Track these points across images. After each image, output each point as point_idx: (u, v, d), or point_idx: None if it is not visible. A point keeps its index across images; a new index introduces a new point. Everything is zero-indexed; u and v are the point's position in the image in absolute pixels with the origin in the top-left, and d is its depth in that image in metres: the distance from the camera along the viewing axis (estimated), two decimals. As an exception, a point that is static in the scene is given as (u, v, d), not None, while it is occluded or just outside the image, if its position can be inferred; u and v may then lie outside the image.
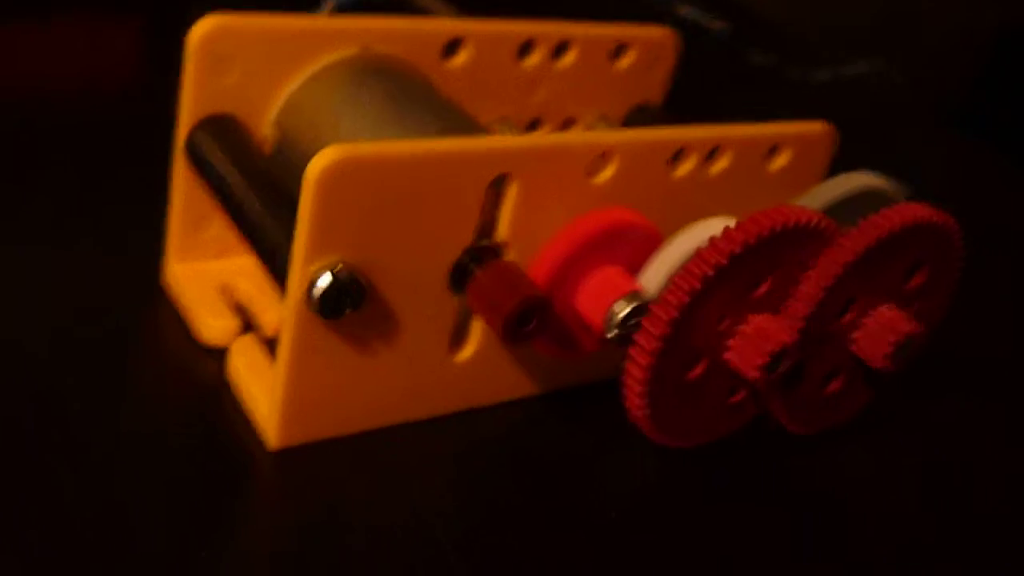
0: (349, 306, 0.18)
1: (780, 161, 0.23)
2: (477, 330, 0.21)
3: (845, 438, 0.23)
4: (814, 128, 0.23)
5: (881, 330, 0.21)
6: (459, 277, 0.19)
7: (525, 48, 0.25)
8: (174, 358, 0.22)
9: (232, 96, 0.21)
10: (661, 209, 0.21)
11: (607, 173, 0.20)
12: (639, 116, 0.27)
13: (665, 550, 0.20)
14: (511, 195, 0.19)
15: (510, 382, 0.22)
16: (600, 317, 0.19)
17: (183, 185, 0.22)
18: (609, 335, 0.19)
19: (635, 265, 0.20)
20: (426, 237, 0.19)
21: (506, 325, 0.18)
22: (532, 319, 0.19)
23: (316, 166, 0.17)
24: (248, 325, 0.22)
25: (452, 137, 0.19)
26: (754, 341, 0.19)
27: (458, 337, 0.21)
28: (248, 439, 0.20)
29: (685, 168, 0.21)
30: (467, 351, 0.21)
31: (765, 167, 0.23)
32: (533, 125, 0.26)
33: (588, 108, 0.26)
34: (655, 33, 0.27)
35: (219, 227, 0.23)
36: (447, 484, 0.20)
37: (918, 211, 0.20)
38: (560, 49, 0.25)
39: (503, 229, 0.20)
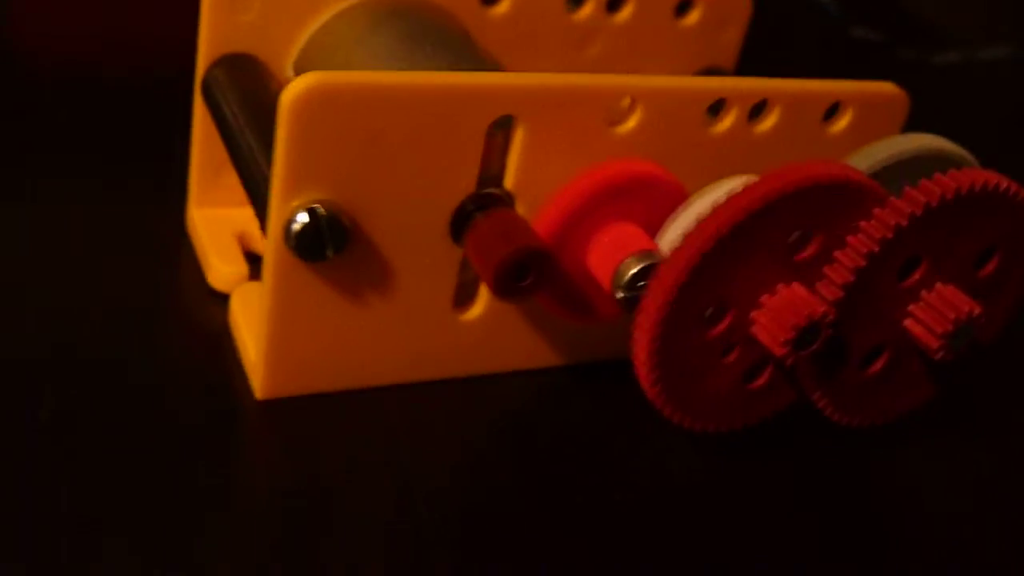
0: (331, 248, 0.17)
1: (840, 124, 0.20)
2: (487, 288, 0.19)
3: (898, 438, 0.21)
4: (882, 89, 0.21)
5: (940, 307, 0.18)
6: (459, 226, 0.18)
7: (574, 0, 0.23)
8: (187, 303, 0.21)
9: (251, 34, 0.21)
10: (695, 168, 0.19)
11: (631, 123, 0.18)
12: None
13: (664, 540, 0.18)
14: (518, 140, 0.18)
15: (525, 349, 0.20)
16: (609, 276, 0.18)
17: (201, 127, 0.21)
18: (617, 296, 0.18)
19: (656, 225, 0.19)
20: (421, 180, 0.17)
21: (497, 276, 0.17)
22: (529, 273, 0.17)
23: (290, 93, 0.16)
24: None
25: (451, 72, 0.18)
26: (781, 313, 0.17)
27: (465, 294, 0.19)
28: (241, 388, 0.19)
29: (725, 124, 0.19)
30: (475, 310, 0.20)
31: (822, 130, 0.20)
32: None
33: (649, 68, 0.25)
34: (724, -11, 0.25)
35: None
36: (441, 455, 0.19)
37: (990, 178, 0.18)
38: (613, 3, 0.24)
39: (511, 177, 0.18)
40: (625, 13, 0.24)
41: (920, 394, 0.20)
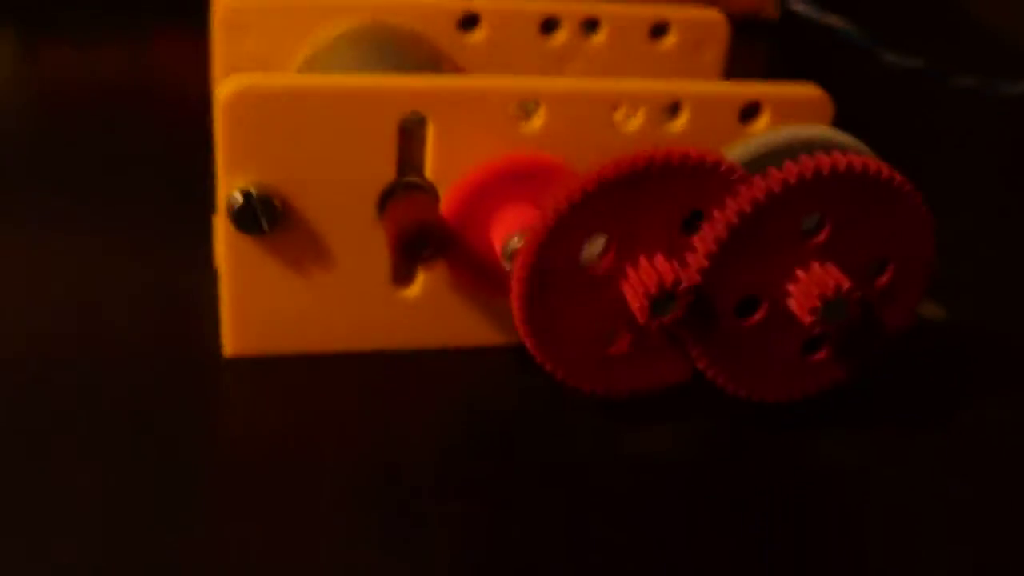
0: (266, 224, 0.20)
1: (758, 126, 0.22)
2: (424, 267, 0.22)
3: (828, 421, 0.22)
4: (802, 90, 0.22)
5: (813, 281, 0.19)
6: (383, 209, 0.21)
7: (550, 25, 0.26)
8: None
9: (253, 61, 0.25)
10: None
11: (538, 122, 0.21)
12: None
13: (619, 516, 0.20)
14: (431, 135, 0.21)
15: (471, 326, 0.23)
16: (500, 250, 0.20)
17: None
18: (506, 269, 0.20)
19: (555, 209, 0.21)
20: (344, 168, 0.21)
21: (396, 246, 0.20)
22: (427, 244, 0.20)
23: (221, 92, 0.20)
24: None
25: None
26: (638, 281, 0.19)
27: (405, 273, 0.22)
28: (213, 345, 0.23)
29: (635, 124, 0.21)
30: (415, 288, 0.22)
31: (740, 132, 0.22)
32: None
33: (630, 89, 0.27)
34: (699, 14, 0.27)
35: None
36: (391, 424, 0.21)
37: (855, 161, 0.19)
38: (589, 27, 0.26)
39: (429, 168, 0.21)
40: (600, 37, 0.26)
41: (830, 375, 0.21)
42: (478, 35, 0.26)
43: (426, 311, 0.23)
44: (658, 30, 0.27)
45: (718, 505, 0.20)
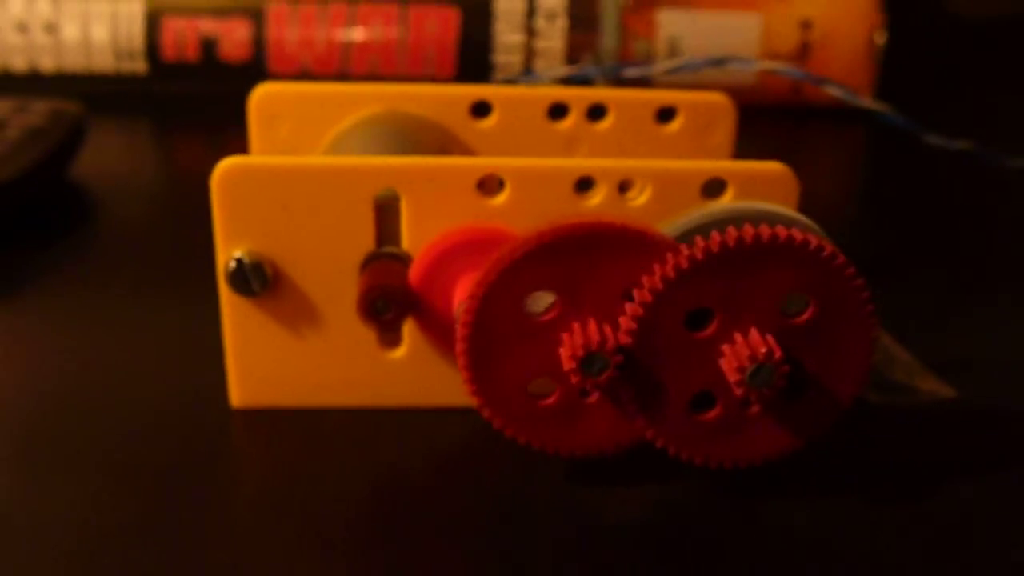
0: (257, 287, 0.23)
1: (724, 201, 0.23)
2: (410, 331, 0.24)
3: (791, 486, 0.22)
4: (766, 167, 0.23)
5: (738, 351, 0.20)
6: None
7: (557, 111, 0.28)
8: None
9: (285, 146, 0.28)
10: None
11: (502, 197, 0.23)
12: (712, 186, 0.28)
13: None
14: (404, 209, 0.23)
15: (459, 387, 0.25)
16: (457, 315, 0.22)
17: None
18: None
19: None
20: (327, 239, 0.23)
21: (359, 307, 0.22)
22: (390, 308, 0.22)
23: (216, 171, 0.22)
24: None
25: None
26: (571, 341, 0.20)
27: (393, 335, 0.24)
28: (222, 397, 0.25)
29: (596, 198, 0.23)
30: (401, 350, 0.24)
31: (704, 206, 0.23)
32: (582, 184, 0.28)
33: (641, 170, 0.28)
34: (705, 97, 0.28)
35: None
36: (370, 479, 0.23)
37: (780, 232, 0.20)
38: (596, 113, 0.28)
39: (405, 240, 0.23)
40: (607, 122, 0.28)
41: (776, 443, 0.22)
42: (489, 121, 0.28)
43: (413, 372, 0.25)
44: (665, 114, 0.28)
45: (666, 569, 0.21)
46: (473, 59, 0.46)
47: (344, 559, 0.20)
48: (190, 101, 0.48)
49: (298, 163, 0.23)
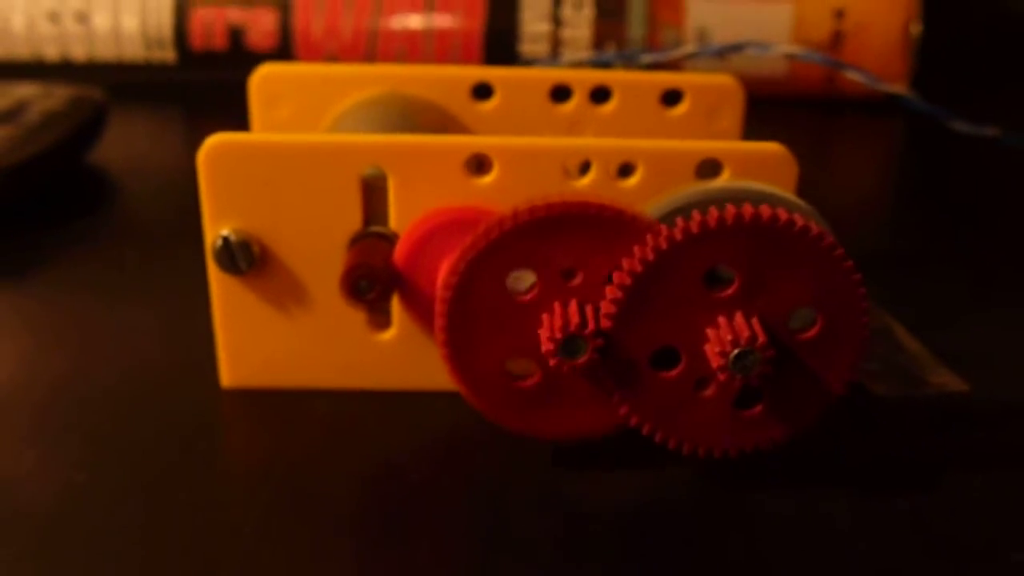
0: (244, 265, 0.23)
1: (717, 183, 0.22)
2: (399, 313, 0.24)
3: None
4: (764, 148, 0.22)
5: (721, 336, 0.20)
6: (349, 256, 0.23)
7: (560, 94, 0.27)
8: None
9: (286, 128, 0.27)
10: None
11: (490, 176, 0.22)
12: (707, 167, 0.28)
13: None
14: (391, 188, 0.23)
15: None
16: (440, 295, 0.22)
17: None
18: (441, 311, 0.21)
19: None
20: (315, 218, 0.23)
21: (342, 286, 0.22)
22: (373, 288, 0.22)
23: (202, 149, 0.22)
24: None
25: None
26: (550, 323, 0.20)
27: (382, 318, 0.24)
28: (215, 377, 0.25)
29: (587, 179, 0.22)
30: (390, 332, 0.24)
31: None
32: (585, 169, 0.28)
33: (646, 154, 0.28)
34: (712, 79, 0.27)
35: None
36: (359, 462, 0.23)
37: (764, 211, 0.19)
38: (599, 95, 0.27)
39: (392, 219, 0.23)
40: (611, 106, 0.27)
41: (765, 433, 0.21)
42: (491, 103, 0.27)
43: (402, 355, 0.24)
44: (671, 97, 0.27)
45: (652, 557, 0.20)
46: (499, 48, 0.46)
47: (328, 540, 0.20)
48: (218, 90, 0.48)
49: (284, 140, 0.22)
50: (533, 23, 0.46)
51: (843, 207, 0.22)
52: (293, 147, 0.22)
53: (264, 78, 0.27)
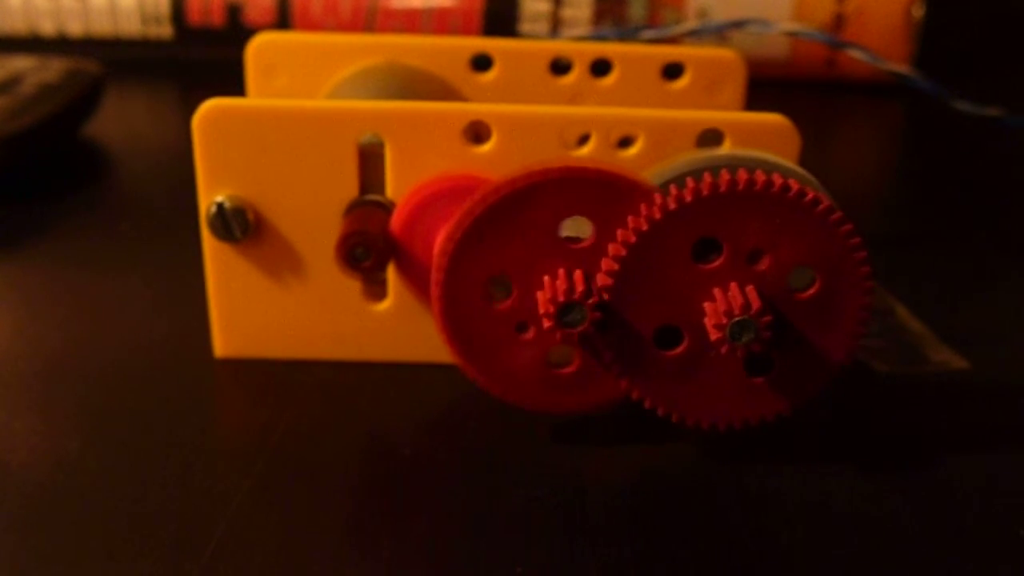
0: (238, 233, 0.23)
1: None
2: (395, 284, 0.23)
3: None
4: (766, 119, 0.22)
5: (717, 306, 0.19)
6: (345, 225, 0.23)
7: (560, 67, 0.27)
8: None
9: (283, 96, 0.27)
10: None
11: (489, 144, 0.22)
12: (708, 138, 0.27)
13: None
14: (388, 155, 0.22)
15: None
16: (437, 264, 0.21)
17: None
18: (438, 280, 0.21)
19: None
20: (311, 185, 0.22)
21: (338, 253, 0.21)
22: (369, 256, 0.21)
23: (198, 114, 0.22)
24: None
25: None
26: (549, 291, 0.20)
27: (378, 288, 0.24)
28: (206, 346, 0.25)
29: (586, 149, 0.22)
30: (386, 303, 0.24)
31: (700, 157, 0.22)
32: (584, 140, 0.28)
33: (646, 127, 0.27)
34: (714, 53, 0.27)
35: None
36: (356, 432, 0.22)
37: (776, 179, 0.19)
38: (600, 68, 0.27)
39: (389, 187, 0.23)
40: (611, 78, 0.27)
41: (771, 404, 0.21)
42: (490, 75, 0.27)
43: (398, 326, 0.24)
44: (672, 71, 0.27)
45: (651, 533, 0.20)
46: (499, 27, 0.46)
47: (321, 512, 0.20)
48: (215, 66, 0.48)
49: (280, 105, 0.22)
50: (533, 2, 0.45)
51: (845, 188, 0.22)
52: (289, 113, 0.22)
53: (261, 47, 0.27)
